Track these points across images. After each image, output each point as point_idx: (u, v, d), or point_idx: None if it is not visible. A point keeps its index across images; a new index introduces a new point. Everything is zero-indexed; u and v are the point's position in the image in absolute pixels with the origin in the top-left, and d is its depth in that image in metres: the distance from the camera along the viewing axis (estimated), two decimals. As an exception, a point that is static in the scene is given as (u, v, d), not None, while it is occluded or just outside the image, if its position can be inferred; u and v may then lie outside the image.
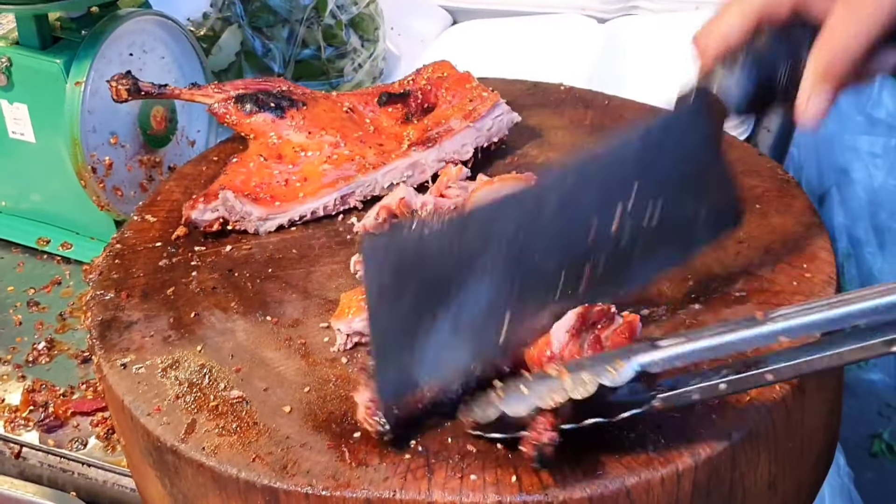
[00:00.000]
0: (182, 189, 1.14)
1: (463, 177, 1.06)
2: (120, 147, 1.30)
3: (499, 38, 1.68)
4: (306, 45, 1.50)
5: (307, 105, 1.14)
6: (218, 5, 1.51)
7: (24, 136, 1.30)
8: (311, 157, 1.10)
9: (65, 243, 1.35)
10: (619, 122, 1.22)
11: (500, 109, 1.16)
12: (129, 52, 1.30)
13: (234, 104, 1.12)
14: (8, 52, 1.25)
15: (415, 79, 1.21)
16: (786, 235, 1.00)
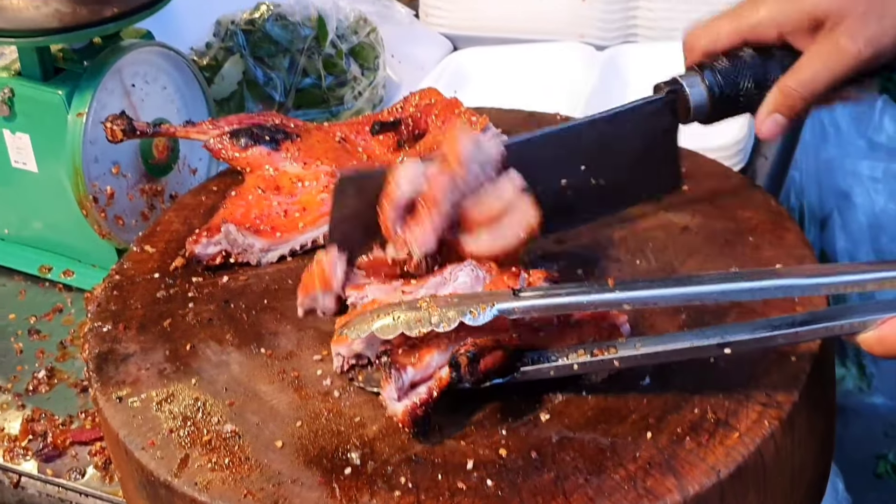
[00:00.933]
0: (182, 220, 1.15)
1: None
2: (122, 176, 1.31)
3: (498, 65, 1.69)
4: (307, 74, 1.51)
5: (301, 137, 1.15)
6: (220, 35, 1.53)
7: (27, 166, 1.32)
8: (309, 186, 1.12)
9: (66, 271, 1.37)
10: (615, 153, 1.22)
11: (491, 132, 1.18)
12: (132, 83, 1.31)
13: (229, 139, 1.13)
14: (10, 83, 1.27)
15: (403, 106, 1.22)
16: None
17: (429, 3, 1.77)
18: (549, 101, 1.55)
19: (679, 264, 1.03)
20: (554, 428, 0.84)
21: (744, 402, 0.85)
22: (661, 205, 1.12)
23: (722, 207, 1.11)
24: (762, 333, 0.82)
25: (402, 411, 0.82)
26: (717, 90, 1.03)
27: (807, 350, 0.89)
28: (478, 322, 0.83)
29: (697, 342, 0.83)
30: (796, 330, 0.82)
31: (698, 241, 1.06)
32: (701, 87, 1.04)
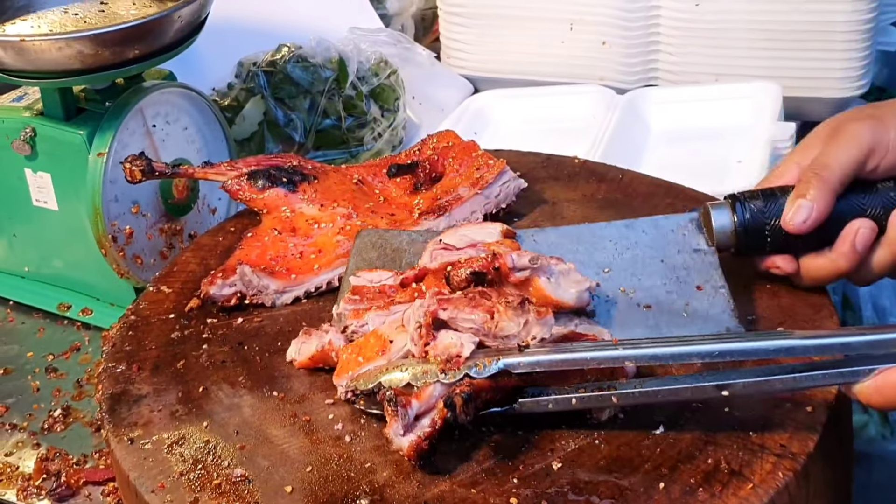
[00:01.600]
0: (199, 260, 1.16)
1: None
2: (141, 216, 1.32)
3: (518, 108, 1.69)
4: (327, 115, 1.52)
5: (318, 178, 1.16)
6: (242, 76, 1.54)
7: (48, 204, 1.33)
8: (325, 228, 1.12)
9: (85, 309, 1.37)
10: (633, 197, 1.22)
11: (507, 176, 1.18)
12: (153, 124, 1.32)
13: (246, 181, 1.14)
14: (32, 123, 1.28)
15: (421, 149, 1.23)
16: (795, 316, 1.00)
17: (450, 45, 1.78)
18: (569, 144, 1.55)
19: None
20: (566, 477, 0.83)
21: (758, 453, 0.83)
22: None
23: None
24: (760, 378, 0.83)
25: (408, 446, 0.82)
26: (742, 220, 1.00)
27: (823, 400, 0.88)
28: (483, 375, 0.84)
29: (696, 384, 0.84)
30: (794, 376, 0.82)
31: (715, 287, 1.05)
32: (727, 214, 1.01)
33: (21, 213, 1.35)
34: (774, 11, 1.54)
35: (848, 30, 1.53)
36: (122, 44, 1.20)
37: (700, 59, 1.61)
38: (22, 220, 1.36)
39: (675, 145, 1.56)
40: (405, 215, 1.15)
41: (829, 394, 0.89)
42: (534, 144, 1.62)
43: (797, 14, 1.52)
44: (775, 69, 1.57)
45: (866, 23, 1.53)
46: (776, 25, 1.55)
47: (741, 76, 1.59)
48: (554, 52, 1.69)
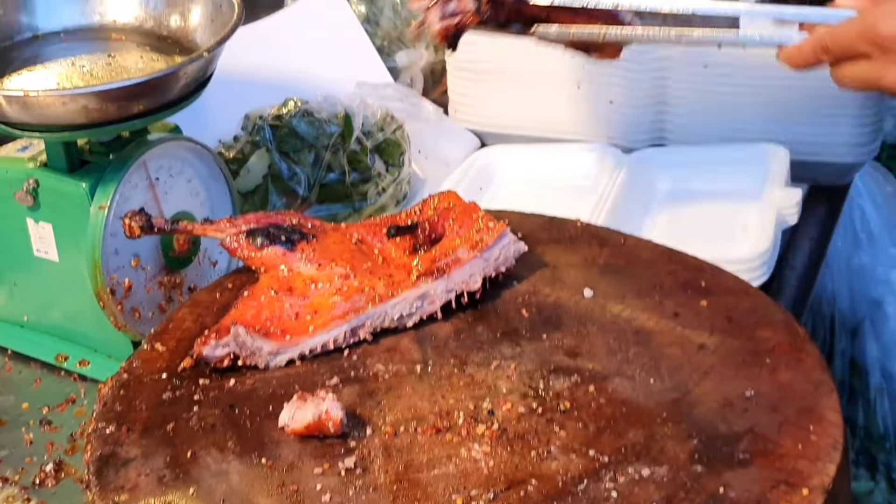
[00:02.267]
0: (194, 317, 1.15)
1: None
2: (141, 269, 1.31)
3: (524, 164, 1.69)
4: (331, 170, 1.52)
5: (317, 237, 1.15)
6: (248, 129, 1.55)
7: (49, 255, 1.33)
8: (322, 289, 1.11)
9: (83, 360, 1.37)
10: (634, 263, 1.21)
11: (507, 239, 1.17)
12: (156, 177, 1.32)
13: (245, 238, 1.13)
14: (36, 174, 1.29)
15: (422, 209, 1.22)
16: (794, 393, 0.98)
17: (458, 99, 1.78)
18: (574, 202, 1.55)
19: (694, 385, 1.01)
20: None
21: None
22: (679, 321, 1.11)
23: (740, 325, 1.09)
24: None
25: (440, 28, 1.08)
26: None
27: (819, 484, 0.87)
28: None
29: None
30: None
31: (714, 360, 1.04)
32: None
33: (22, 262, 1.35)
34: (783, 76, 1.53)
35: (856, 95, 1.52)
36: (127, 99, 1.21)
37: (708, 120, 1.60)
38: (23, 269, 1.36)
39: (681, 206, 1.55)
40: (403, 276, 1.14)
41: (826, 477, 0.88)
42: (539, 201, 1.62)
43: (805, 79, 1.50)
44: (784, 133, 1.56)
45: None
46: (785, 90, 1.54)
47: (749, 139, 1.58)
48: (561, 110, 1.68)
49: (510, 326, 1.12)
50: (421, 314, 1.12)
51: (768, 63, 1.53)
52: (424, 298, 1.12)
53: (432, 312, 1.13)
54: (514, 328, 1.12)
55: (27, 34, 1.39)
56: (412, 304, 1.11)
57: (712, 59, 1.56)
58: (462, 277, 1.14)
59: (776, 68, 1.53)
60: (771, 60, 1.53)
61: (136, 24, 1.41)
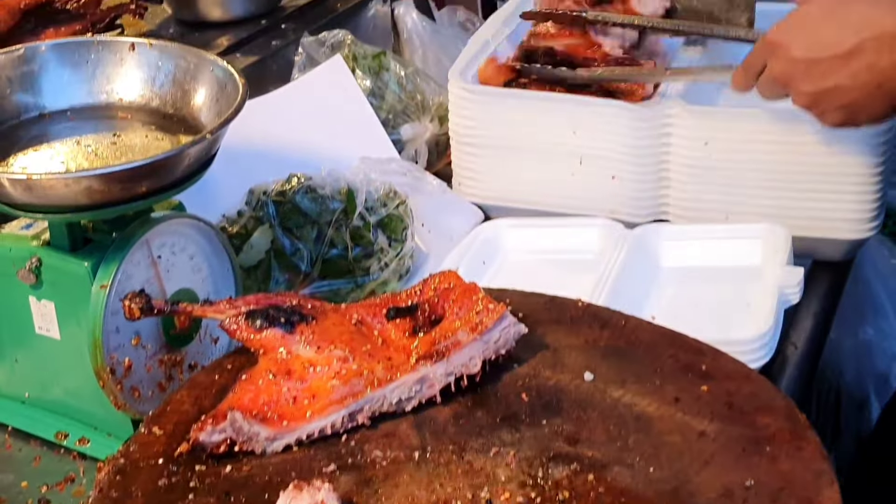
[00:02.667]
0: (192, 400, 1.15)
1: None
2: (141, 347, 1.31)
3: (527, 238, 1.69)
4: (334, 245, 1.53)
5: (317, 319, 1.16)
6: (252, 204, 1.56)
7: (50, 333, 1.33)
8: (320, 372, 1.11)
9: (82, 438, 1.36)
10: (635, 346, 1.21)
11: (507, 321, 1.17)
12: (158, 255, 1.32)
13: (244, 320, 1.14)
14: (39, 253, 1.29)
15: (422, 289, 1.22)
16: (795, 484, 0.98)
17: (462, 173, 1.78)
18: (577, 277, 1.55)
19: (694, 474, 1.01)
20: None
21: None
22: (679, 406, 1.10)
23: (741, 412, 1.08)
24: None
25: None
26: None
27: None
28: None
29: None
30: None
31: (714, 448, 1.04)
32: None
33: (24, 339, 1.35)
34: (784, 153, 1.54)
35: (859, 172, 1.52)
36: (130, 181, 1.21)
37: (710, 196, 1.61)
38: (24, 346, 1.36)
39: (684, 283, 1.55)
40: (402, 359, 1.14)
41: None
42: (542, 276, 1.63)
43: (807, 156, 1.52)
44: (786, 209, 1.56)
45: (877, 166, 1.52)
46: (786, 167, 1.55)
47: (752, 214, 1.58)
48: (564, 185, 1.69)
49: (510, 411, 1.12)
50: (420, 398, 1.12)
51: (769, 139, 1.56)
52: (424, 382, 1.12)
53: (431, 396, 1.12)
54: (513, 413, 1.12)
55: (34, 113, 1.40)
56: (411, 388, 1.11)
57: (713, 136, 1.57)
58: (462, 360, 1.14)
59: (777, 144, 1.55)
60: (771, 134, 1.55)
61: (143, 102, 1.42)
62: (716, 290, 1.52)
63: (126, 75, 1.43)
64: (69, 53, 1.42)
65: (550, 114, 1.66)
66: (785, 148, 1.54)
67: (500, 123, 1.70)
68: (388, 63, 1.94)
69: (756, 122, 1.53)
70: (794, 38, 1.31)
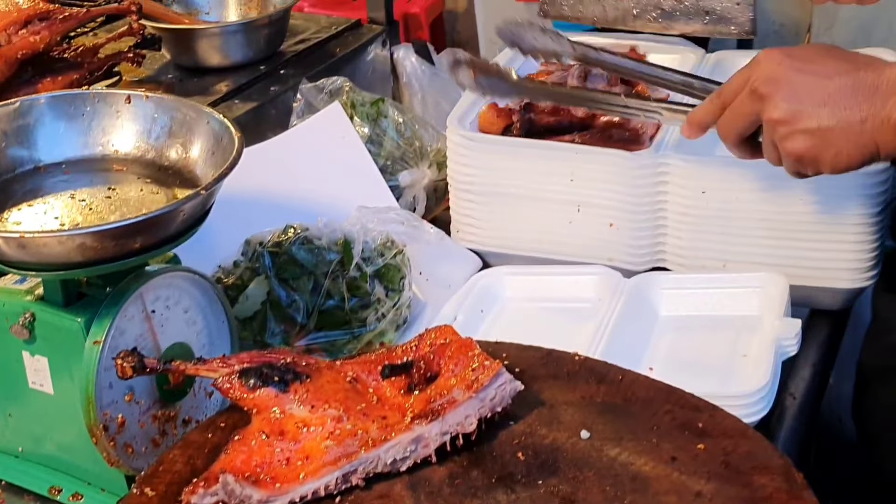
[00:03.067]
0: (185, 459, 1.14)
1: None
2: (135, 403, 1.30)
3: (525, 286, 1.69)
4: (330, 296, 1.52)
5: (311, 377, 1.15)
6: (248, 255, 1.55)
7: (44, 388, 1.32)
8: (314, 432, 1.10)
9: (76, 494, 1.35)
10: (632, 402, 1.20)
11: (503, 378, 1.17)
12: (152, 309, 1.32)
13: (238, 379, 1.13)
14: (32, 308, 1.29)
15: (418, 344, 1.22)
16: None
17: (460, 219, 1.78)
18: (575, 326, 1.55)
19: (690, 537, 0.99)
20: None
21: None
22: (675, 465, 1.09)
23: (737, 471, 1.08)
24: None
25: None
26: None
27: None
28: None
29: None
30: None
31: (711, 510, 1.02)
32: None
33: (17, 394, 1.34)
34: (780, 202, 1.54)
35: (857, 222, 1.52)
36: (123, 238, 1.21)
37: (707, 245, 1.60)
38: (18, 401, 1.35)
39: (681, 333, 1.54)
40: (397, 418, 1.13)
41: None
42: (541, 325, 1.62)
43: (803, 205, 1.52)
44: (783, 258, 1.56)
45: (874, 216, 1.52)
46: (783, 216, 1.54)
47: (749, 263, 1.58)
48: (562, 232, 1.69)
49: (506, 471, 1.11)
50: (415, 458, 1.11)
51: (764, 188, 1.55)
52: (419, 442, 1.11)
53: (427, 456, 1.11)
54: (509, 472, 1.11)
55: (29, 166, 1.40)
56: (406, 448, 1.10)
57: (709, 185, 1.57)
58: (457, 419, 1.13)
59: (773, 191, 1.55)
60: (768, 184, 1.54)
61: (138, 154, 1.42)
62: (714, 341, 1.51)
63: (122, 127, 1.43)
64: (65, 106, 1.42)
65: (548, 161, 1.66)
66: (781, 197, 1.53)
67: (497, 171, 1.70)
68: (387, 110, 1.94)
69: (752, 172, 1.53)
70: (781, 57, 1.28)
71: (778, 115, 1.26)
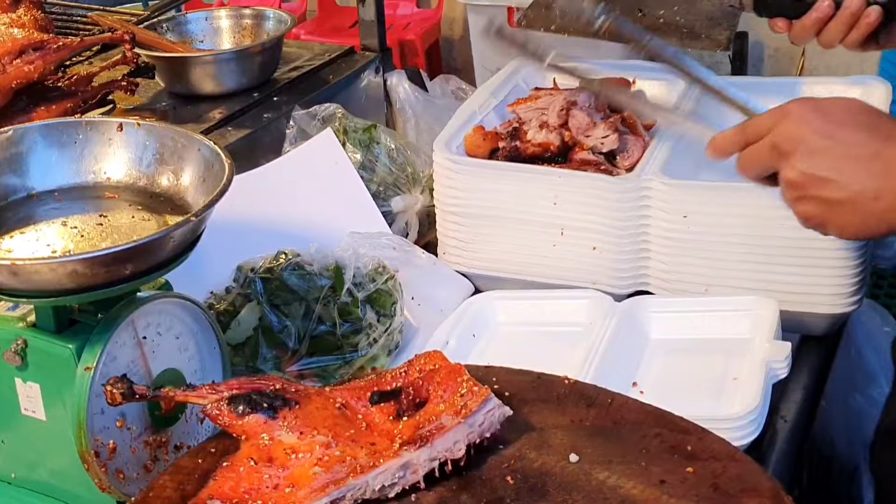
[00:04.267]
0: (175, 485, 1.14)
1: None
2: (126, 429, 1.30)
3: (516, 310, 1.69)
4: (322, 322, 1.53)
5: (300, 403, 1.16)
6: (240, 281, 1.56)
7: (36, 414, 1.32)
8: (302, 459, 1.11)
9: (68, 519, 1.35)
10: (621, 426, 1.20)
11: (491, 404, 1.17)
12: (143, 336, 1.32)
13: (227, 405, 1.13)
14: (24, 335, 1.29)
15: (408, 370, 1.22)
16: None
17: (447, 241, 1.79)
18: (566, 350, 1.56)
19: (678, 559, 1.00)
20: None
21: None
22: (664, 488, 1.10)
23: (726, 494, 1.08)
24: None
25: None
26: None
27: None
28: None
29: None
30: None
31: (699, 533, 1.03)
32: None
33: (10, 420, 1.35)
34: (762, 227, 1.55)
35: (839, 247, 1.52)
36: (115, 264, 1.22)
37: (690, 269, 1.61)
38: (10, 427, 1.36)
39: (672, 356, 1.55)
40: (386, 444, 1.13)
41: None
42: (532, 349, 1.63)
43: (786, 230, 1.52)
44: (766, 282, 1.56)
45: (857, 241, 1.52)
46: (764, 241, 1.55)
47: (731, 287, 1.58)
48: (546, 255, 1.70)
49: (495, 495, 1.12)
50: (403, 484, 1.11)
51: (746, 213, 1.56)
52: (407, 468, 1.11)
53: (415, 482, 1.11)
54: (499, 497, 1.11)
55: (22, 194, 1.41)
56: (394, 475, 1.11)
57: (691, 209, 1.58)
58: (446, 445, 1.13)
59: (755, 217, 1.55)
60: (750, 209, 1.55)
61: (130, 181, 1.43)
62: (704, 364, 1.51)
63: (114, 155, 1.44)
64: (57, 134, 1.43)
65: (532, 185, 1.67)
66: (762, 222, 1.54)
67: (483, 193, 1.71)
68: (379, 136, 1.96)
69: (734, 197, 1.54)
70: (810, 115, 1.22)
71: (792, 176, 1.21)
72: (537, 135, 1.73)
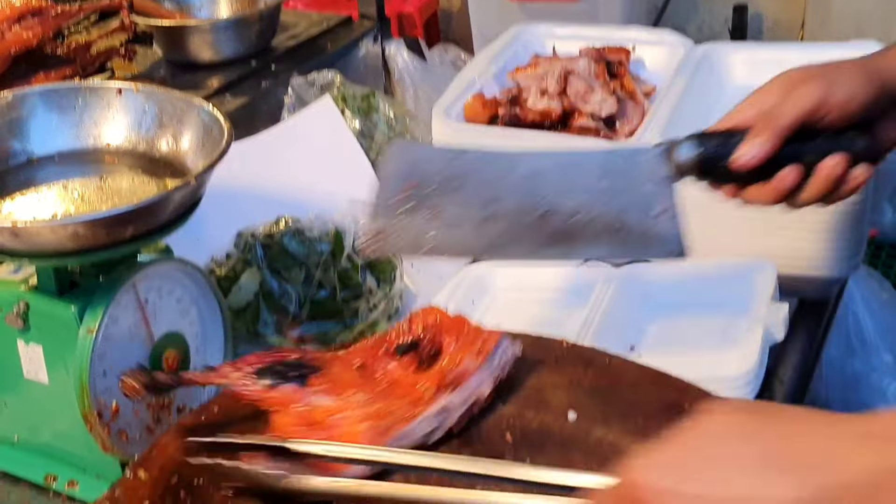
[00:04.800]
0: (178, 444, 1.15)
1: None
2: (129, 391, 1.32)
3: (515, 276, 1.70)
4: (322, 287, 1.54)
5: (323, 369, 1.16)
6: (240, 247, 1.57)
7: (38, 377, 1.33)
8: (348, 416, 1.11)
9: (71, 481, 1.36)
10: (619, 385, 1.21)
11: (506, 342, 1.20)
12: (145, 298, 1.33)
13: (255, 379, 1.13)
14: (26, 297, 1.30)
15: (410, 326, 1.23)
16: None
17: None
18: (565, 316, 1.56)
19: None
20: None
21: None
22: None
23: (723, 451, 1.08)
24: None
25: None
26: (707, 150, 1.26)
27: None
28: None
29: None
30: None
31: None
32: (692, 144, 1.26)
33: (12, 383, 1.36)
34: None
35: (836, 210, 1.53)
36: (115, 226, 1.22)
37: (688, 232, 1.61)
38: (13, 390, 1.37)
39: (670, 321, 1.55)
40: (417, 395, 1.14)
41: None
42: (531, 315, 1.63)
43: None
44: (768, 248, 1.57)
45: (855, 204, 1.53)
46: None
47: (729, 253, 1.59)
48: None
49: (494, 452, 1.12)
50: (443, 429, 1.13)
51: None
52: (445, 413, 1.13)
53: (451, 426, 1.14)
54: (498, 453, 1.12)
55: (22, 158, 1.41)
56: (435, 420, 1.13)
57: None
58: (473, 387, 1.15)
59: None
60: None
61: (129, 146, 1.44)
62: (702, 327, 1.52)
63: (113, 120, 1.44)
64: (57, 99, 1.44)
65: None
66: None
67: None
68: (378, 103, 1.96)
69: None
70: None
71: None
72: (538, 102, 1.73)
